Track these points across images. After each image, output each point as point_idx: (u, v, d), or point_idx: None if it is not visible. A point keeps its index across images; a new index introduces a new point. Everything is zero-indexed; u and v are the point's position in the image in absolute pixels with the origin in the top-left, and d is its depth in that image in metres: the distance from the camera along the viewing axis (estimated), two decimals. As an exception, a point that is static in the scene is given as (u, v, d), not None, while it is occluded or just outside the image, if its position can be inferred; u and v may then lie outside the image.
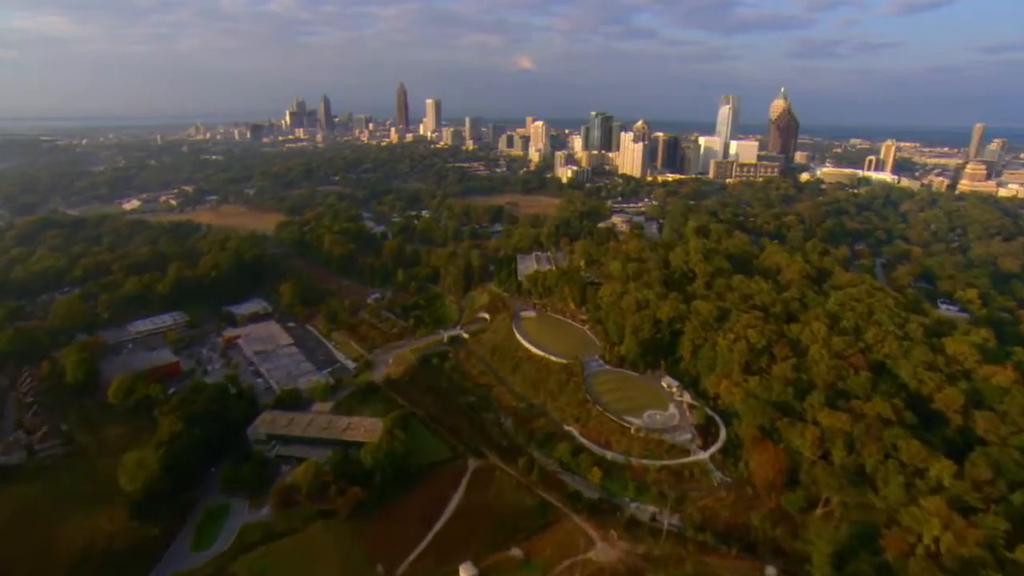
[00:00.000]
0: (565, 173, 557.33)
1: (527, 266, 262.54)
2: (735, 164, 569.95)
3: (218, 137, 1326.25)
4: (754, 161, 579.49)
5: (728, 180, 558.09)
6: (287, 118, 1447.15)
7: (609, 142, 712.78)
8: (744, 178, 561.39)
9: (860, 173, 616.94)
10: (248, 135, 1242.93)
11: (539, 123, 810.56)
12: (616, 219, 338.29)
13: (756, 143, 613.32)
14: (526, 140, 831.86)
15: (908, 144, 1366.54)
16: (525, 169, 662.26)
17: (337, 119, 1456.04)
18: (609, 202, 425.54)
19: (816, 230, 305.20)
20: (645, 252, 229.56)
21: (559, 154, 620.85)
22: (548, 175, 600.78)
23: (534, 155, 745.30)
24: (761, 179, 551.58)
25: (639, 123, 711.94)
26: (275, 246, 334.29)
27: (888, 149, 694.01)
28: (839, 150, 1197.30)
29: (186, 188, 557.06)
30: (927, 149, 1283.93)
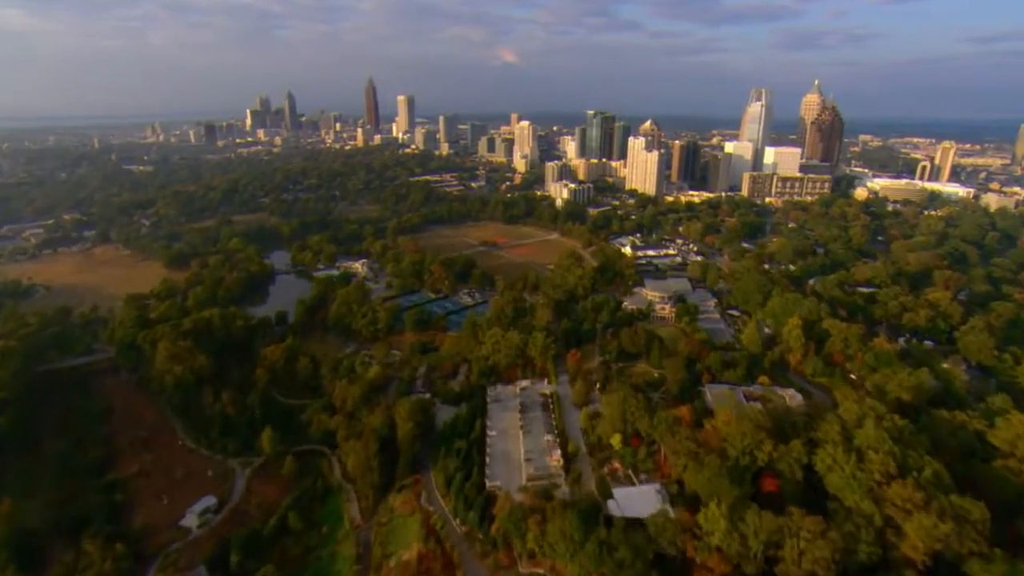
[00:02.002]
0: (560, 192, 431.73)
1: (506, 426, 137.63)
2: (775, 178, 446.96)
3: (172, 140, 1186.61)
4: (798, 174, 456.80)
5: (768, 199, 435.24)
6: (248, 118, 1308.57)
7: (610, 148, 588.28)
8: (788, 196, 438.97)
9: (920, 184, 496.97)
10: (205, 137, 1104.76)
11: (524, 123, 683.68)
12: (649, 293, 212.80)
13: (799, 151, 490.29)
14: (510, 144, 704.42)
15: (922, 140, 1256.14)
16: (508, 183, 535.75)
17: (304, 118, 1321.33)
18: (626, 245, 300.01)
19: (994, 320, 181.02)
20: (763, 446, 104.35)
21: (551, 166, 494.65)
22: (538, 192, 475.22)
23: (519, 163, 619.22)
24: (812, 198, 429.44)
25: (647, 124, 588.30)
26: (106, 346, 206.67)
27: (945, 153, 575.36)
28: (856, 148, 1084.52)
29: (67, 217, 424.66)
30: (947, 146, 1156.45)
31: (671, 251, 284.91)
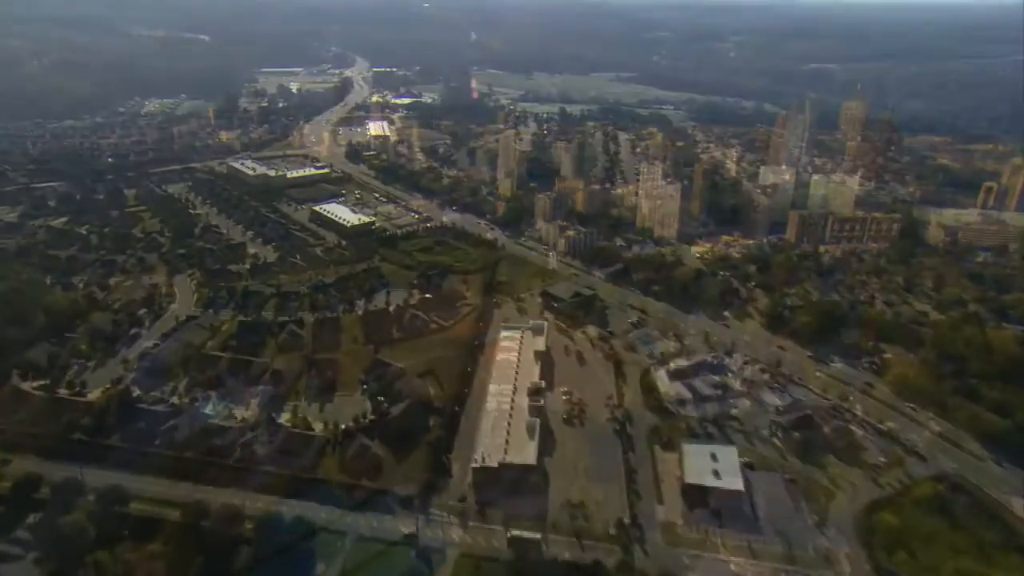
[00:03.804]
0: (556, 240, 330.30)
1: None
2: (830, 219, 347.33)
3: (128, 142, 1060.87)
4: (858, 213, 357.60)
5: (823, 248, 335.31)
6: (210, 113, 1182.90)
7: (612, 168, 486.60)
8: (847, 240, 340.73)
9: (1001, 217, 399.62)
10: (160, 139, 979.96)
11: (510, 132, 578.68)
12: (736, 563, 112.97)
13: (855, 180, 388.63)
14: (493, 157, 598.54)
15: (936, 139, 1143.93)
16: (489, 216, 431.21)
17: (273, 117, 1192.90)
18: (659, 365, 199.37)
19: None
20: None
21: (542, 199, 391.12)
22: (526, 240, 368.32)
23: (504, 185, 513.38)
24: (876, 245, 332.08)
25: (658, 136, 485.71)
26: None
27: (1016, 171, 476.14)
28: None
29: None
30: (973, 148, 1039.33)
31: (730, 379, 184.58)
